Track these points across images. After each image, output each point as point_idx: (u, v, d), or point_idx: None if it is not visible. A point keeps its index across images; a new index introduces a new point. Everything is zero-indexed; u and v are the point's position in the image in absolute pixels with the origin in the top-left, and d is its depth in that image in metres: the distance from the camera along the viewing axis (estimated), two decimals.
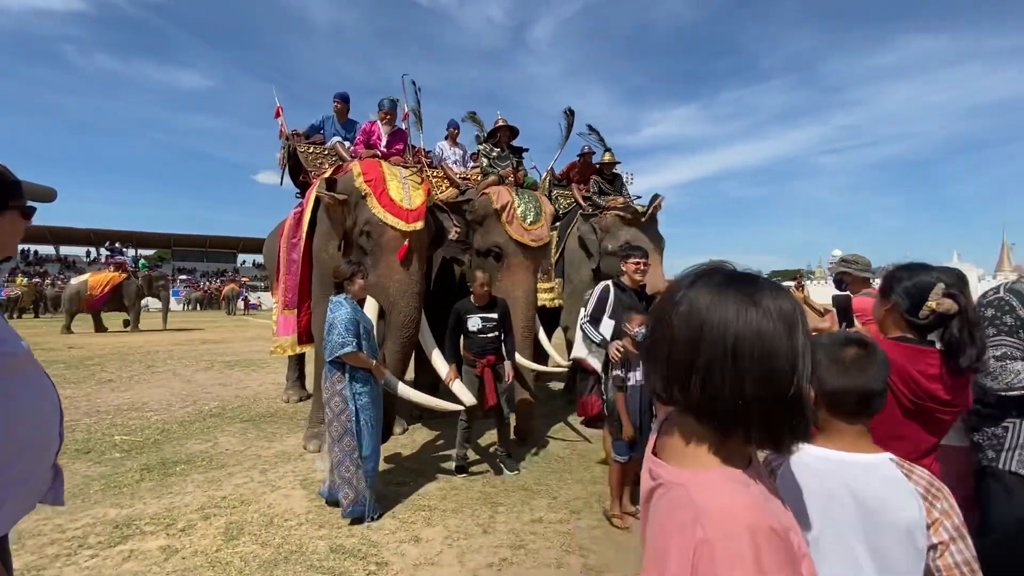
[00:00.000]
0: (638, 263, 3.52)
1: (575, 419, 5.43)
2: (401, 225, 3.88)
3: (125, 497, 3.46)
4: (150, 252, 50.75)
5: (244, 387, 7.29)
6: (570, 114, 5.85)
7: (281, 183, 5.74)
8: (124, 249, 17.92)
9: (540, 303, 5.34)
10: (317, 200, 4.49)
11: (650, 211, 5.78)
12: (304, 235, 4.63)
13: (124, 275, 16.09)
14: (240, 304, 31.22)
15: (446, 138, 6.22)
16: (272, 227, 6.35)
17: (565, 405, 6.10)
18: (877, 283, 3.71)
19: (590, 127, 6.75)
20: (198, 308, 34.98)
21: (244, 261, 51.97)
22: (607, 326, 3.41)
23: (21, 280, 26.89)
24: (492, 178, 4.96)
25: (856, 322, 2.96)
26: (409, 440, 4.80)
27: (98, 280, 15.67)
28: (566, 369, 5.12)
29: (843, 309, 2.96)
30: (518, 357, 4.31)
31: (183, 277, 42.34)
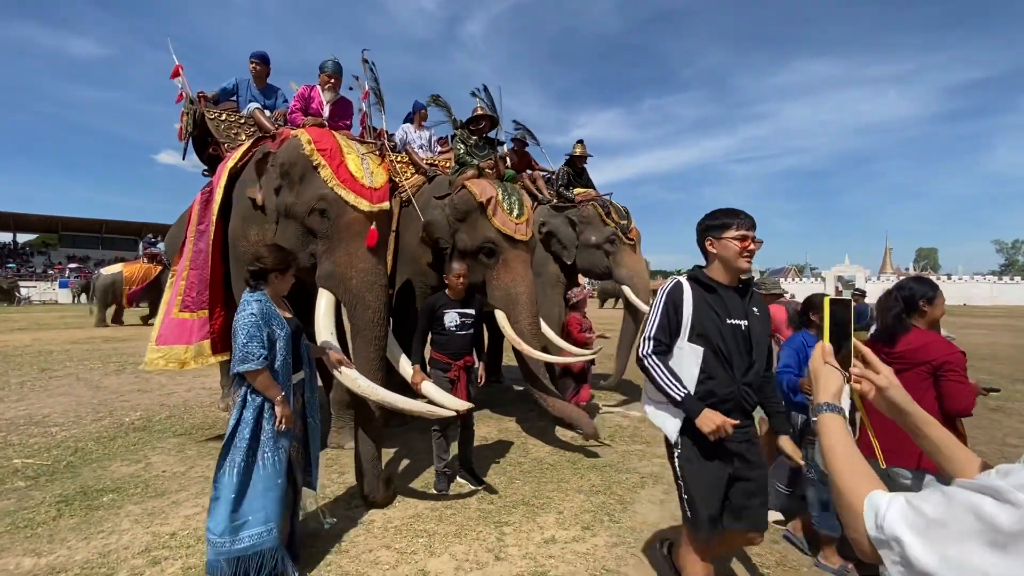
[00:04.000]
0: (747, 238, 1.94)
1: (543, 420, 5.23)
2: (364, 205, 3.21)
3: (42, 540, 2.78)
4: (32, 236, 44.81)
5: (169, 393, 6.40)
6: (485, 89, 5.32)
7: (184, 157, 4.83)
8: (156, 240, 16.29)
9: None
10: (232, 176, 3.82)
11: (636, 240, 6.04)
12: (215, 219, 3.89)
13: (160, 267, 15.07)
14: None
15: (410, 120, 5.75)
16: (178, 213, 5.38)
17: (533, 407, 5.86)
18: (788, 294, 3.95)
19: (516, 123, 6.54)
20: (89, 300, 31.30)
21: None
22: (688, 357, 1.98)
23: None
24: (471, 171, 4.57)
25: None
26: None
27: (133, 272, 14.94)
28: (594, 357, 4.91)
29: None
30: (527, 347, 4.02)
31: (73, 266, 37.66)
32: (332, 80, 4.26)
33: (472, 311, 3.62)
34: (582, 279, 6.76)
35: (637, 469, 3.95)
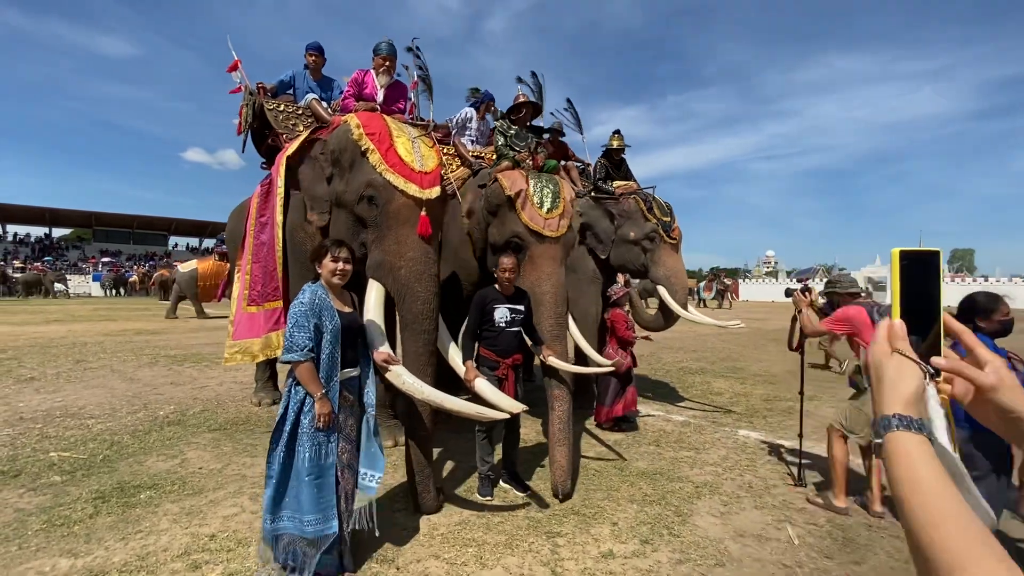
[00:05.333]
0: None
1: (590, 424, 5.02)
2: (414, 190, 3.05)
3: (79, 540, 2.68)
4: (67, 231, 46.22)
5: (202, 387, 6.37)
6: (533, 76, 5.05)
7: (243, 150, 4.83)
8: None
9: None
10: (290, 167, 3.73)
11: (678, 239, 5.76)
12: (278, 210, 3.86)
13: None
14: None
15: (475, 107, 5.51)
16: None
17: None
18: (865, 294, 3.59)
19: (569, 101, 6.17)
20: (122, 293, 32.18)
21: (176, 244, 48.28)
22: None
23: None
24: (506, 163, 4.35)
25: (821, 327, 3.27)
26: None
27: (207, 268, 15.62)
28: (612, 369, 4.52)
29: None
30: (555, 360, 3.76)
31: (106, 260, 38.69)
32: (387, 63, 4.12)
33: (522, 307, 3.44)
34: (620, 276, 6.48)
35: (689, 478, 3.71)
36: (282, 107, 4.29)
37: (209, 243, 49.20)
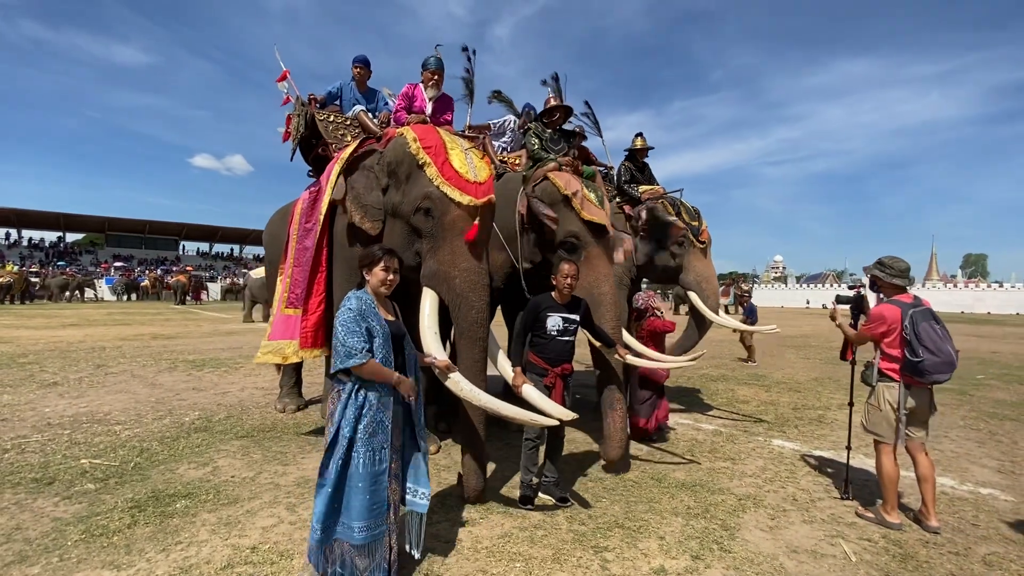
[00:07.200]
0: None
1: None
2: (468, 200, 3.19)
3: (119, 551, 2.63)
4: (80, 236, 46.68)
5: (223, 393, 6.34)
6: (555, 79, 4.85)
7: (292, 158, 4.94)
8: None
9: None
10: (340, 176, 3.82)
11: (707, 243, 5.76)
12: (322, 218, 3.92)
13: None
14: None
15: (517, 115, 5.52)
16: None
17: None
18: (914, 291, 3.50)
19: (588, 104, 6.00)
20: (134, 298, 32.41)
21: (186, 249, 48.62)
22: None
23: (11, 267, 27.82)
24: (552, 163, 4.28)
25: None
26: (448, 460, 4.13)
27: None
28: (694, 363, 4.57)
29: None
30: (633, 358, 3.80)
31: (119, 264, 39.00)
32: (435, 77, 4.29)
33: (577, 316, 3.37)
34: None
35: (731, 490, 3.62)
36: (332, 118, 4.46)
37: (219, 248, 49.54)
